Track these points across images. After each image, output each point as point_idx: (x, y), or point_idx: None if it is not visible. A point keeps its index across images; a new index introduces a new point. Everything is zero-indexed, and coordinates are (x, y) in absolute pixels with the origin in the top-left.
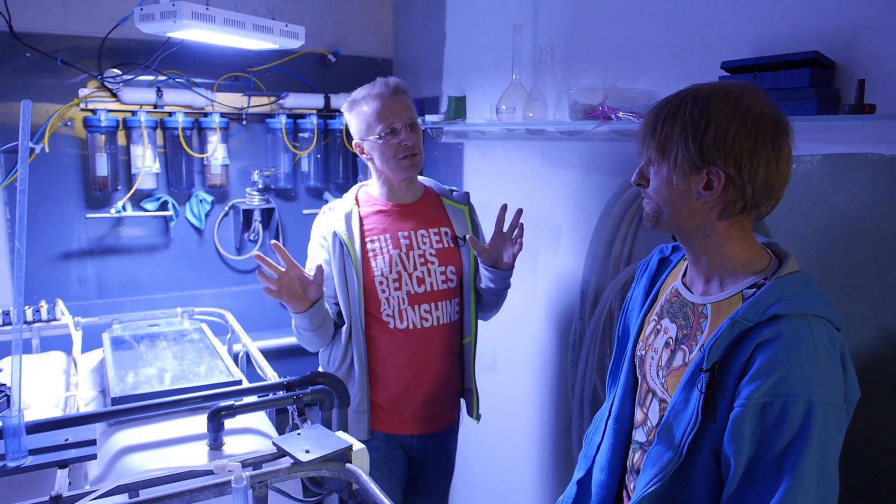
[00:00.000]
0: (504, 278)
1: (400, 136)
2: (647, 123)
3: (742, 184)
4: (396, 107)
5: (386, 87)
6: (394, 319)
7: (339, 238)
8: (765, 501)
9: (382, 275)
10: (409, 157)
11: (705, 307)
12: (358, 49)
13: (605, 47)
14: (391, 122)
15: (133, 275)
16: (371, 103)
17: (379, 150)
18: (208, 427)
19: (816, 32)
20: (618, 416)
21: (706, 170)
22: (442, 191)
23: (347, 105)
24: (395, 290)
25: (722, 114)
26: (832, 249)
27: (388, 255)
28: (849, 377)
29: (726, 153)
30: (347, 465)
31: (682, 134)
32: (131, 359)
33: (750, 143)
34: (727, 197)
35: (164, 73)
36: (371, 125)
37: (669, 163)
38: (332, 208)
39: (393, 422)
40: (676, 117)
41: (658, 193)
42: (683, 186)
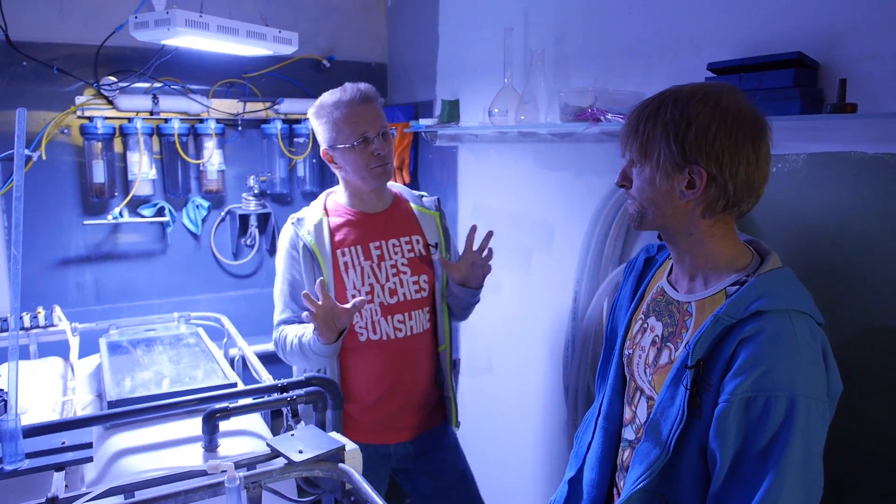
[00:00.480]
0: (472, 295)
1: (373, 145)
2: (629, 125)
3: (724, 182)
4: (369, 114)
5: (358, 94)
6: (367, 331)
7: (309, 250)
8: (750, 496)
9: (354, 287)
10: (380, 166)
11: (690, 305)
12: (352, 54)
13: (595, 50)
14: (364, 130)
15: (131, 281)
16: (342, 110)
17: (350, 159)
18: (203, 429)
19: (800, 33)
20: (607, 414)
21: (688, 169)
22: (412, 197)
23: (315, 111)
24: (367, 302)
25: (702, 114)
26: (818, 247)
27: (359, 268)
28: (831, 371)
29: (707, 152)
30: (340, 465)
31: (664, 134)
32: (128, 363)
33: (730, 141)
34: (709, 195)
35: (159, 80)
36: (343, 132)
37: (652, 163)
38: (300, 219)
39: (368, 432)
40: (658, 118)
41: (641, 194)
42: (666, 186)
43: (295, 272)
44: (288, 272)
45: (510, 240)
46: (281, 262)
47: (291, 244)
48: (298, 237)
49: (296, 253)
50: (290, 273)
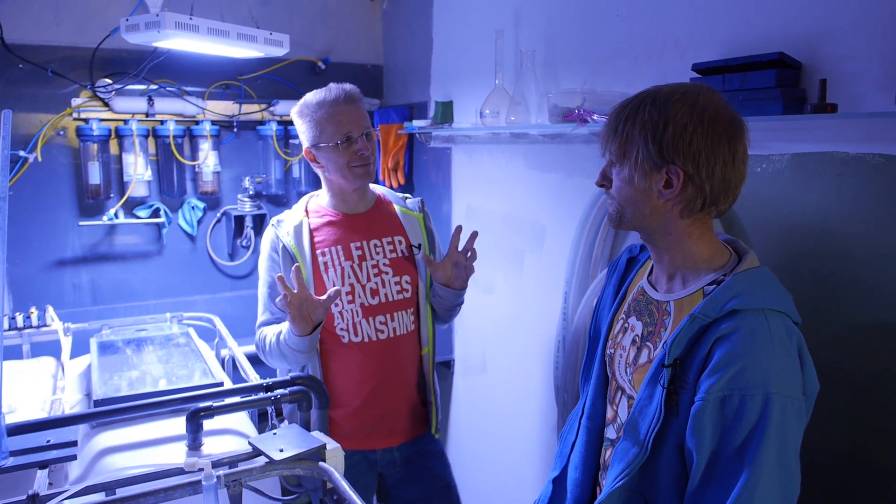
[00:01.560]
0: (456, 296)
1: (356, 145)
2: (609, 125)
3: (700, 182)
4: (353, 115)
5: (342, 93)
6: (348, 333)
7: (289, 252)
8: (726, 494)
9: (334, 286)
10: (363, 166)
11: (668, 304)
12: (348, 56)
13: (584, 52)
14: (348, 129)
15: (126, 281)
16: (326, 110)
17: (333, 158)
18: (187, 428)
19: (783, 34)
20: (590, 414)
21: (665, 168)
22: (395, 198)
23: (299, 110)
24: (348, 303)
25: (679, 114)
26: (802, 247)
27: (339, 268)
28: (807, 370)
29: (684, 152)
30: (320, 464)
31: (642, 134)
32: (117, 363)
33: (707, 141)
34: (687, 195)
35: (155, 82)
36: (326, 131)
37: (630, 163)
38: (280, 220)
39: (352, 438)
40: (636, 118)
41: (620, 193)
42: (644, 185)
43: (275, 274)
44: (268, 274)
45: (503, 241)
46: (262, 265)
47: (272, 246)
48: (279, 239)
49: (276, 255)
50: (270, 275)
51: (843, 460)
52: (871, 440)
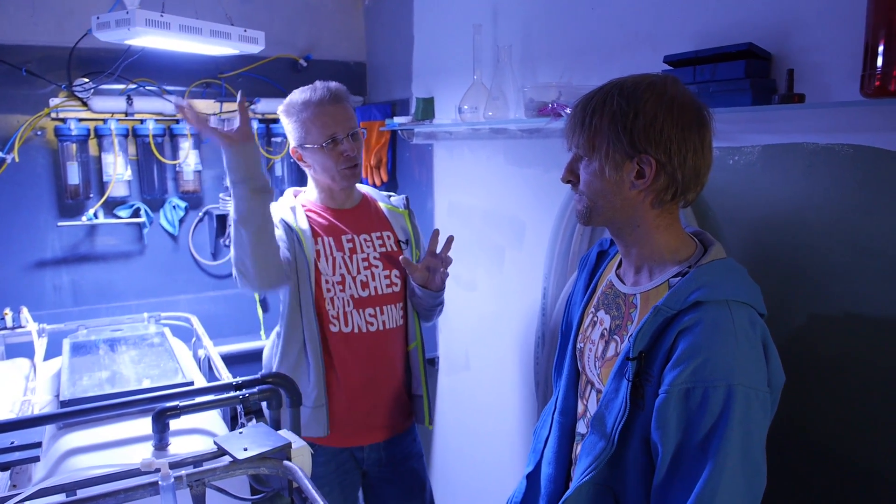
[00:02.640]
0: (433, 297)
1: (342, 146)
2: (575, 118)
3: (672, 170)
4: (339, 115)
5: (328, 93)
6: (339, 322)
7: (289, 225)
8: (691, 487)
9: (327, 274)
10: (349, 168)
11: (635, 297)
12: (330, 53)
13: (560, 45)
14: (333, 131)
15: (108, 282)
16: (311, 110)
17: (319, 159)
18: (153, 428)
19: (753, 25)
20: (562, 409)
21: (637, 158)
22: (380, 196)
23: (285, 109)
24: (339, 291)
25: (649, 103)
26: (774, 238)
27: (331, 258)
28: (772, 362)
29: (656, 141)
30: (285, 463)
31: (612, 125)
32: (88, 363)
33: (677, 130)
34: (658, 184)
35: (134, 80)
36: (311, 132)
37: (601, 155)
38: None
39: (342, 433)
40: (604, 110)
41: (590, 187)
42: (616, 177)
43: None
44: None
45: (484, 237)
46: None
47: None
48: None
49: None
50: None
51: (812, 451)
52: (840, 430)
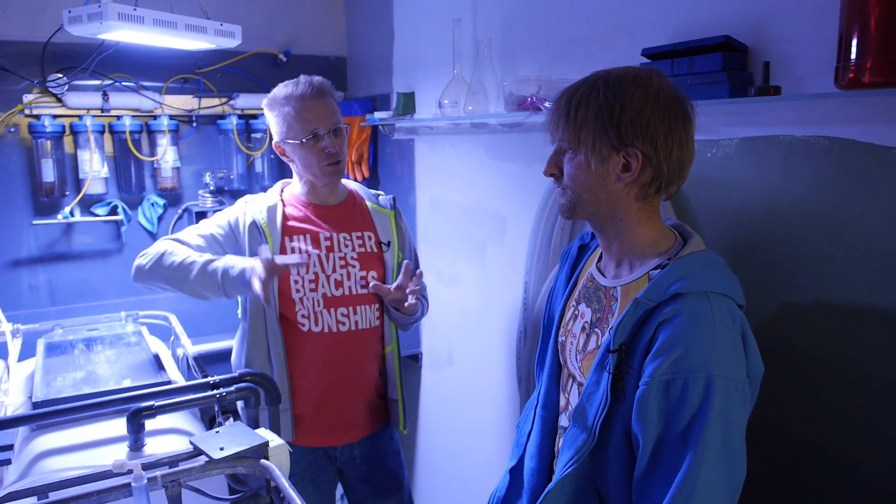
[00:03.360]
0: (405, 319)
1: (323, 142)
2: (559, 112)
3: (658, 163)
4: (320, 111)
5: (310, 88)
6: (308, 321)
7: (257, 226)
8: (672, 478)
9: (298, 273)
10: (332, 165)
11: (616, 290)
12: (310, 48)
13: (540, 39)
14: (314, 127)
15: (86, 281)
16: (293, 106)
17: (300, 155)
18: (128, 428)
19: (730, 17)
20: (545, 402)
21: (623, 151)
22: (367, 195)
23: (268, 103)
24: (310, 290)
25: (635, 96)
26: (752, 230)
27: (305, 255)
28: (750, 353)
29: (643, 133)
30: (262, 462)
31: (598, 118)
32: (62, 364)
33: (664, 122)
34: (644, 177)
35: (110, 76)
36: (293, 128)
37: (587, 148)
38: (253, 198)
39: (311, 433)
40: (590, 103)
41: (575, 181)
42: (601, 170)
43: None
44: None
45: (466, 232)
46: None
47: (237, 221)
48: (249, 215)
49: (239, 229)
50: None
51: (784, 441)
52: (812, 420)
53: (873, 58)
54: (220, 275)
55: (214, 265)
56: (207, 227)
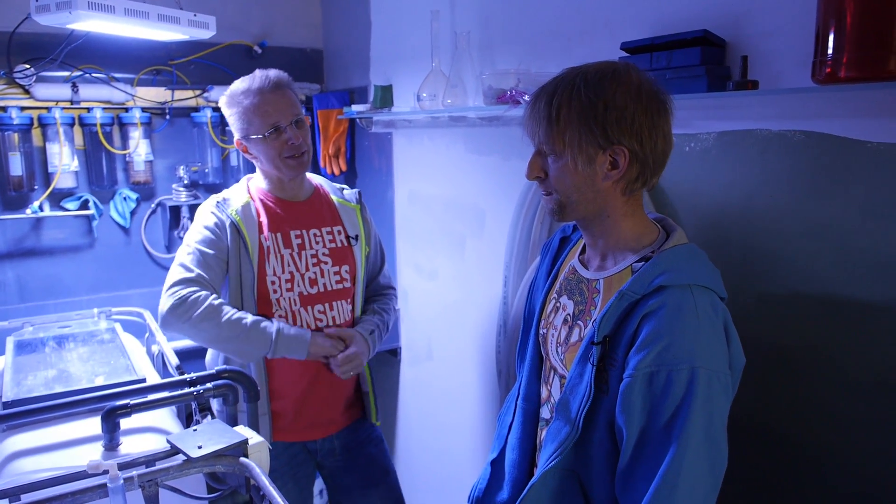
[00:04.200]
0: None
1: (285, 135)
2: (539, 114)
3: (644, 157)
4: (279, 103)
5: (266, 82)
6: (286, 322)
7: (237, 229)
8: (656, 469)
9: (275, 274)
10: (295, 157)
11: (598, 282)
12: (285, 40)
13: (519, 32)
14: (275, 120)
15: (56, 277)
16: (251, 99)
17: (263, 150)
18: (102, 427)
19: (708, 12)
20: (526, 395)
21: (610, 150)
22: (332, 189)
23: (226, 100)
24: (286, 290)
25: (618, 94)
26: (729, 224)
27: (279, 255)
28: (732, 345)
29: (629, 131)
30: (241, 460)
31: (582, 119)
32: (33, 362)
33: (647, 117)
34: (631, 173)
35: (79, 67)
36: (253, 123)
37: (572, 150)
38: (226, 199)
39: (291, 429)
40: (572, 104)
41: (561, 183)
42: (588, 170)
43: (213, 248)
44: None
45: (445, 226)
46: (197, 235)
47: (217, 223)
48: (227, 216)
49: (222, 233)
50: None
51: (758, 432)
52: (787, 411)
53: (849, 53)
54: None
55: (265, 324)
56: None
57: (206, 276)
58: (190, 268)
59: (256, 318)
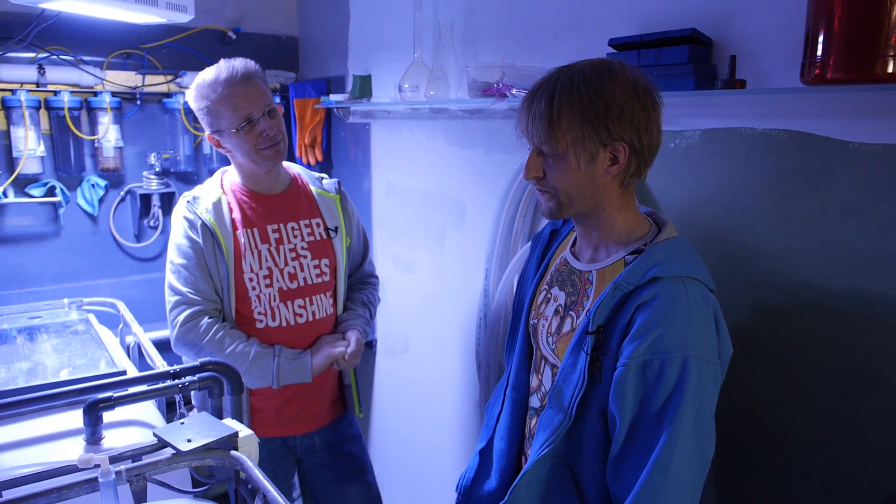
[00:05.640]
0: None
1: (259, 127)
2: (539, 114)
3: (642, 150)
4: (250, 94)
5: (234, 73)
6: (265, 317)
7: (209, 229)
8: (647, 456)
9: (252, 271)
10: (271, 147)
11: (591, 274)
12: (260, 26)
13: (503, 25)
14: (247, 112)
15: (20, 266)
16: (219, 92)
17: (237, 143)
18: (84, 421)
19: (695, 10)
20: (515, 384)
21: (611, 146)
22: (311, 179)
23: (193, 94)
24: (265, 286)
25: (617, 91)
26: (712, 219)
27: (256, 251)
28: (721, 335)
29: (630, 127)
30: (232, 453)
31: (585, 118)
32: (6, 354)
33: (644, 112)
34: (629, 166)
35: (46, 49)
36: (224, 117)
37: (575, 149)
38: (196, 197)
39: (272, 424)
40: (573, 103)
41: (562, 182)
42: (590, 168)
43: (194, 253)
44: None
45: (424, 218)
46: (178, 243)
47: (189, 224)
48: (197, 216)
49: (195, 234)
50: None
51: (743, 423)
52: (766, 404)
53: (836, 56)
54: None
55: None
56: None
57: (195, 293)
58: (179, 289)
59: (258, 352)
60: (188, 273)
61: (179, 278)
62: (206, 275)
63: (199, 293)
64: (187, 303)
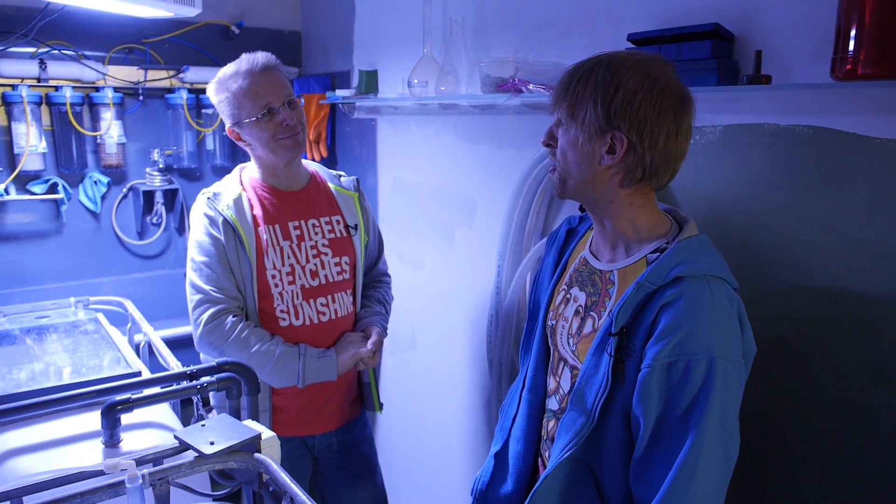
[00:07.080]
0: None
1: (279, 116)
2: (561, 84)
3: (642, 151)
4: (270, 84)
5: (255, 64)
6: (288, 316)
7: (231, 226)
8: (672, 458)
9: (275, 268)
10: (290, 137)
11: (612, 273)
12: (263, 21)
13: (515, 20)
14: (267, 101)
15: (21, 264)
16: (241, 84)
17: (257, 134)
18: (102, 423)
19: (716, 5)
20: (531, 386)
21: (610, 134)
22: (329, 177)
23: (215, 87)
24: (288, 283)
25: (631, 80)
26: (732, 216)
27: (278, 248)
28: (746, 334)
29: (630, 119)
30: (256, 455)
31: (593, 96)
32: (16, 354)
33: (653, 111)
34: (627, 163)
35: (47, 43)
36: (245, 106)
37: (578, 123)
38: (216, 193)
39: (291, 424)
40: (589, 80)
41: (565, 155)
42: (588, 149)
43: (216, 250)
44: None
45: (432, 215)
46: (200, 241)
47: (210, 221)
48: (218, 212)
49: (216, 230)
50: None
51: (769, 422)
52: (788, 403)
53: (867, 50)
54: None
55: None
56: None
57: (218, 291)
58: (202, 288)
59: (283, 350)
60: (210, 271)
61: (201, 276)
62: (229, 272)
63: (222, 291)
64: (210, 301)
